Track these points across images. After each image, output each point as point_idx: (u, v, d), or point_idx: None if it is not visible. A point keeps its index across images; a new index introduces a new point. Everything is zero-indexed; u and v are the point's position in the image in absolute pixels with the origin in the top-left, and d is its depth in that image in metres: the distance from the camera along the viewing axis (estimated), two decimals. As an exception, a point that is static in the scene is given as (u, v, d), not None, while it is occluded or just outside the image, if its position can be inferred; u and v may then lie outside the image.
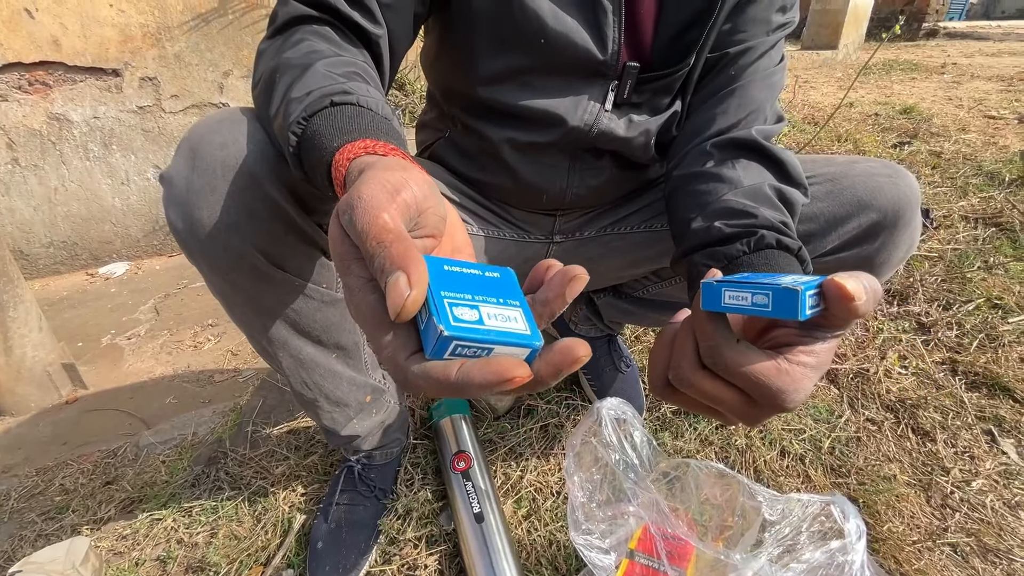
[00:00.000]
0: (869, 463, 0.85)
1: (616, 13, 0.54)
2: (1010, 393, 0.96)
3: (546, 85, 0.58)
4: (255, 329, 0.57)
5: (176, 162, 0.46)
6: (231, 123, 0.46)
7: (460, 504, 0.74)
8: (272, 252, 0.50)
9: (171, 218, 0.47)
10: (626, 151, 0.64)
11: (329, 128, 0.36)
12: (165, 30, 2.04)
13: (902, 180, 0.56)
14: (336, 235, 0.28)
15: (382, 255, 0.25)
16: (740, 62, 0.58)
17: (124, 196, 2.18)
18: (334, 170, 0.35)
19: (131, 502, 0.95)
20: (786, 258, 0.45)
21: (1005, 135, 2.12)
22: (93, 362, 1.63)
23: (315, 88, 0.39)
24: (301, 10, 0.48)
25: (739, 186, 0.51)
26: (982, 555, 0.72)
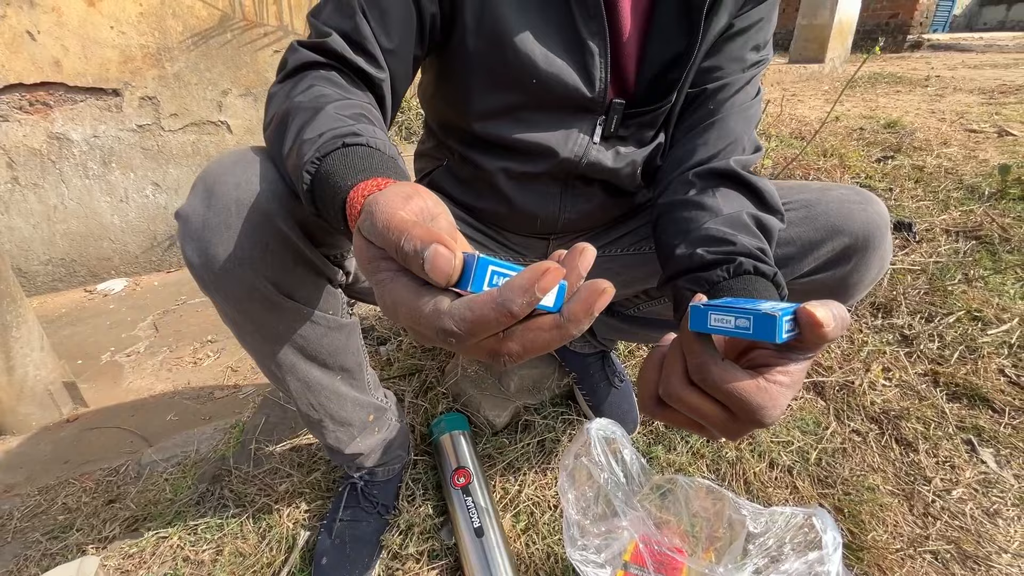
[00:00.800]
0: (854, 473, 0.88)
1: (602, 56, 0.58)
2: (989, 404, 1.00)
3: (538, 120, 0.62)
4: (265, 355, 0.60)
5: (192, 201, 0.49)
6: (244, 164, 0.49)
7: (461, 519, 0.76)
8: (282, 283, 0.53)
9: (187, 253, 0.49)
10: (614, 180, 0.68)
11: (342, 168, 0.39)
12: (165, 50, 2.08)
13: (871, 206, 0.60)
14: (360, 244, 0.31)
15: (409, 240, 0.27)
16: (718, 97, 0.62)
17: (123, 213, 2.20)
18: (348, 206, 0.37)
19: (135, 520, 0.97)
20: (763, 283, 0.48)
21: (985, 148, 2.18)
22: (93, 380, 1.64)
23: (327, 130, 0.42)
24: (310, 57, 0.51)
25: (719, 214, 0.55)
26: (961, 561, 0.75)
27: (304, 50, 0.52)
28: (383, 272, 0.30)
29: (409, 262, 0.28)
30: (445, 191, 0.74)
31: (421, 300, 0.28)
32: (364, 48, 0.53)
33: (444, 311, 0.27)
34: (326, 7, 0.54)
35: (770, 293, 0.48)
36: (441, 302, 0.28)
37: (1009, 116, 2.75)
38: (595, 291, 0.27)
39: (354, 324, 0.66)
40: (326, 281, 0.58)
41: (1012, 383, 1.04)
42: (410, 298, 0.28)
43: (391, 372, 1.16)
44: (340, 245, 0.58)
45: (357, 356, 0.69)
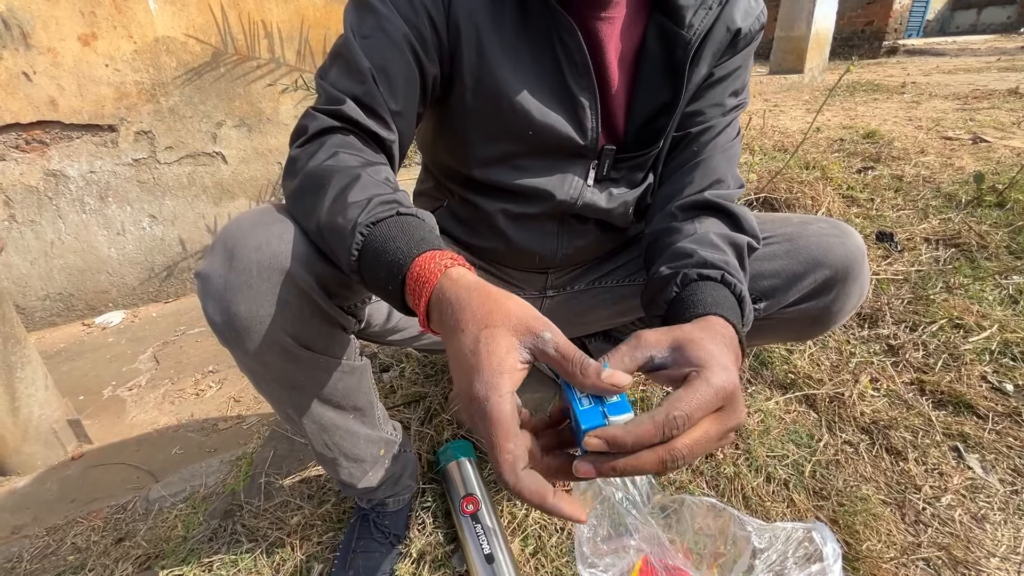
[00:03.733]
0: (848, 484, 0.91)
1: (593, 108, 0.62)
2: (973, 410, 1.04)
3: (535, 166, 0.66)
4: (282, 401, 0.62)
5: (212, 261, 0.51)
6: (264, 225, 0.52)
7: (471, 546, 0.78)
8: (300, 335, 0.55)
9: (209, 312, 0.52)
10: (608, 219, 0.72)
11: (401, 238, 0.45)
12: (160, 86, 2.11)
13: (849, 240, 0.64)
14: (466, 416, 0.39)
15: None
16: (701, 139, 0.66)
17: (120, 246, 2.22)
18: (414, 277, 0.43)
19: (148, 558, 0.98)
20: (711, 288, 0.50)
21: (961, 156, 2.26)
22: (96, 415, 1.65)
23: (373, 196, 0.47)
24: (328, 123, 0.55)
25: (693, 233, 0.59)
26: (952, 567, 0.79)
27: (322, 116, 0.55)
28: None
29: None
30: (446, 230, 0.77)
31: (509, 443, 0.36)
32: (376, 112, 0.56)
33: (518, 473, 0.36)
34: (332, 69, 0.57)
35: (723, 297, 0.50)
36: (519, 460, 0.36)
37: (983, 122, 2.84)
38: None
39: (365, 366, 0.69)
40: (341, 330, 0.61)
41: (994, 389, 1.08)
42: (504, 428, 0.36)
43: (395, 400, 1.18)
44: (353, 297, 0.61)
45: (368, 395, 0.71)
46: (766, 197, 1.85)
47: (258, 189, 2.45)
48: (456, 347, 0.39)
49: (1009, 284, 1.37)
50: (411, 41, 0.56)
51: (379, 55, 0.55)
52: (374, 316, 0.67)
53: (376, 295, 0.48)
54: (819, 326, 0.71)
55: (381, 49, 0.55)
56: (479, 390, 0.36)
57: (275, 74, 2.32)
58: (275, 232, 0.52)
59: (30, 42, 1.85)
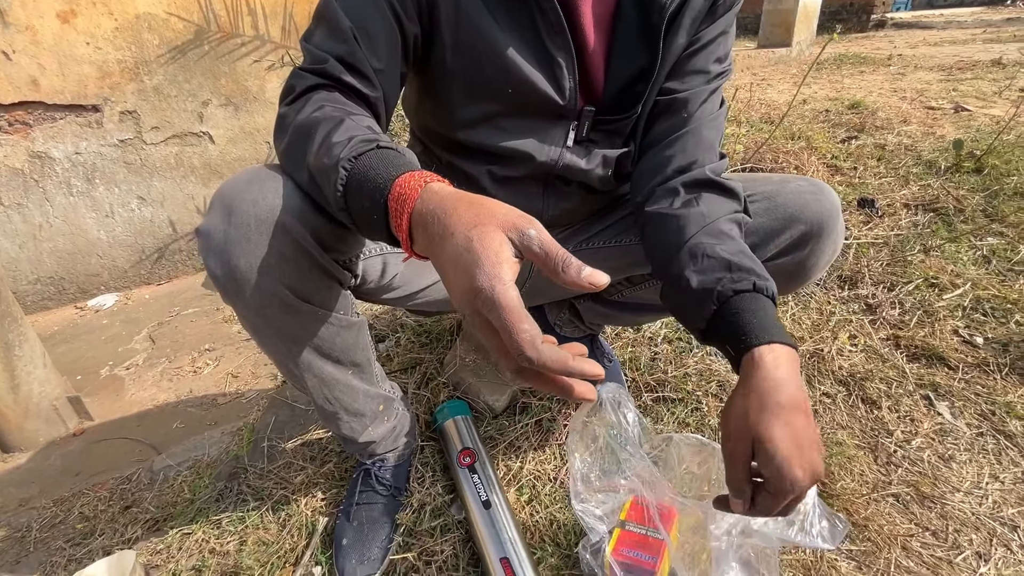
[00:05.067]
0: (825, 431, 0.96)
1: (569, 67, 0.63)
2: (945, 362, 1.09)
3: (515, 127, 0.67)
4: (284, 355, 0.65)
5: (212, 218, 0.54)
6: (259, 182, 0.55)
7: (468, 494, 0.83)
8: (299, 288, 0.58)
9: (210, 266, 0.55)
10: (588, 181, 0.73)
11: (381, 165, 0.46)
12: (143, 64, 2.09)
13: (825, 197, 0.67)
14: (479, 324, 0.39)
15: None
16: (689, 107, 0.67)
17: (109, 228, 2.21)
18: (395, 197, 0.44)
19: (156, 521, 1.01)
20: (749, 300, 0.54)
21: (942, 125, 2.30)
22: (95, 394, 1.67)
23: (355, 135, 0.49)
24: (313, 80, 0.57)
25: (704, 221, 0.61)
26: (920, 501, 0.84)
27: (308, 75, 0.57)
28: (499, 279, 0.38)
29: (545, 368, 0.37)
30: None
31: (524, 323, 0.37)
32: (359, 70, 0.58)
33: (538, 347, 0.36)
34: (316, 32, 0.59)
35: (763, 311, 0.54)
36: (536, 336, 0.37)
37: (965, 92, 2.88)
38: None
39: (362, 322, 0.72)
40: (337, 284, 0.64)
41: (965, 342, 1.14)
42: (516, 313, 0.37)
43: (392, 367, 1.21)
44: (348, 251, 0.63)
45: (366, 352, 0.74)
46: (752, 167, 1.88)
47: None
48: (449, 251, 0.40)
49: (983, 245, 1.42)
50: (390, 0, 0.58)
51: (359, 15, 0.57)
52: (369, 272, 0.69)
53: (366, 234, 0.50)
54: (795, 280, 0.74)
55: (361, 9, 0.57)
56: (483, 281, 0.37)
57: (260, 51, 2.29)
58: (270, 187, 0.54)
59: (7, 20, 1.82)
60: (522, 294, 0.39)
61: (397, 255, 0.73)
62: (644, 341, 1.20)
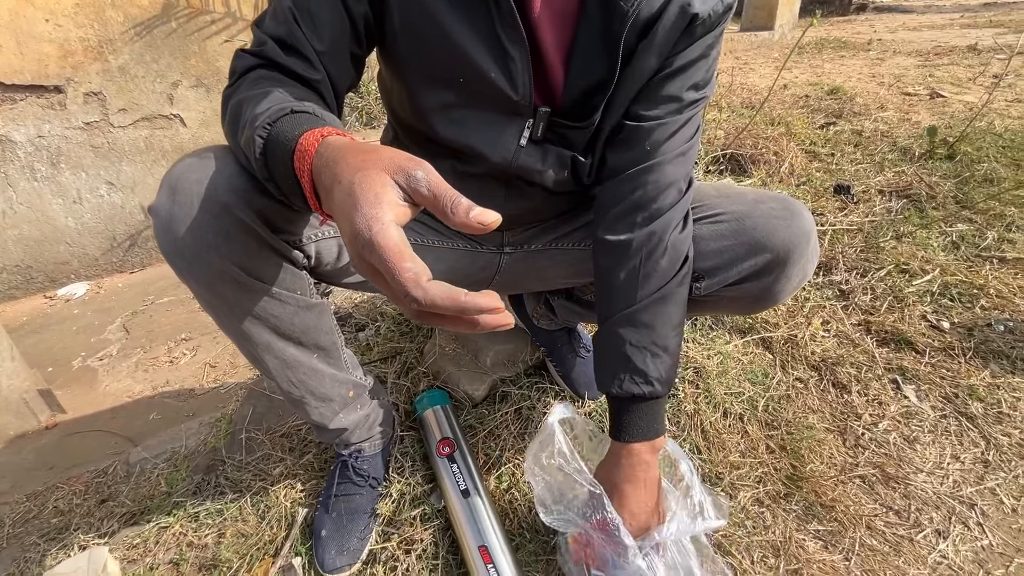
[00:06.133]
0: (796, 416, 0.99)
1: (524, 63, 0.59)
2: (912, 346, 1.13)
3: (469, 120, 0.64)
4: (242, 336, 0.64)
5: (160, 197, 0.54)
6: (204, 162, 0.55)
7: (448, 483, 0.83)
8: (249, 266, 0.58)
9: (161, 244, 0.55)
10: (544, 182, 0.70)
11: (290, 127, 0.45)
12: (107, 43, 2.00)
13: (795, 222, 0.65)
14: (366, 270, 0.37)
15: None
16: (654, 137, 0.63)
17: (77, 215, 2.14)
18: (298, 155, 0.43)
19: (133, 515, 1.00)
20: (632, 403, 0.69)
21: (918, 111, 2.33)
22: (67, 386, 1.63)
23: (275, 104, 0.48)
24: (252, 61, 0.56)
25: (633, 298, 0.67)
26: (884, 482, 0.87)
27: (247, 56, 0.57)
28: (372, 248, 0.35)
29: (443, 309, 0.34)
30: None
31: (404, 259, 0.34)
32: (297, 51, 0.56)
33: (423, 284, 0.34)
34: (266, 17, 0.58)
35: (647, 415, 0.69)
36: (421, 274, 0.34)
37: (941, 78, 2.92)
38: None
39: (324, 305, 0.71)
40: (290, 263, 0.64)
41: (932, 327, 1.17)
42: (395, 254, 0.34)
43: (372, 356, 1.21)
44: (297, 232, 0.63)
45: (331, 336, 0.74)
46: (732, 153, 1.89)
47: (221, 153, 2.37)
48: (336, 199, 0.38)
49: (953, 231, 1.46)
50: None
51: None
52: (324, 254, 0.68)
53: (293, 203, 0.49)
54: (760, 304, 0.74)
55: None
56: (360, 223, 0.35)
57: (232, 30, 2.21)
58: (215, 166, 0.54)
59: (-42, -6, 1.72)
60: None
61: None
62: (623, 328, 1.21)
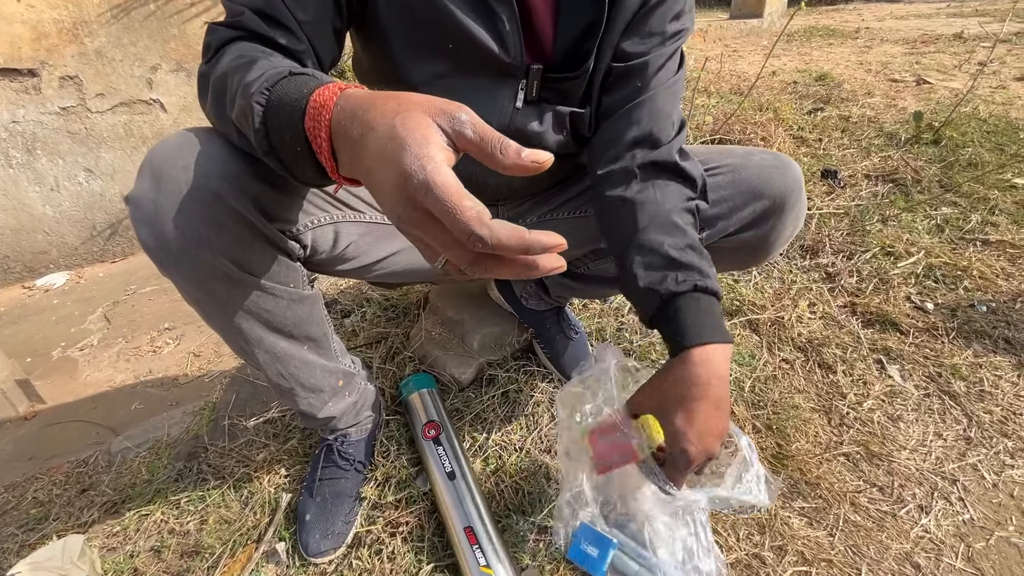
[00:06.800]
0: (783, 396, 0.99)
1: (512, 20, 0.59)
2: (897, 327, 1.13)
3: (462, 88, 0.63)
4: (231, 331, 0.62)
5: (140, 184, 0.50)
6: (190, 145, 0.50)
7: (433, 466, 0.82)
8: (241, 259, 0.55)
9: (142, 237, 0.50)
10: (543, 145, 0.69)
11: (294, 87, 0.41)
12: (82, 24, 1.94)
13: (788, 171, 0.67)
14: (416, 218, 0.35)
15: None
16: (645, 74, 0.64)
17: (55, 203, 2.09)
18: (311, 112, 0.39)
19: (114, 504, 0.98)
20: (689, 301, 0.58)
21: (904, 97, 2.34)
22: (47, 376, 1.60)
23: (268, 69, 0.44)
24: (230, 34, 0.52)
25: (657, 211, 0.62)
26: (868, 460, 0.88)
27: (223, 29, 0.52)
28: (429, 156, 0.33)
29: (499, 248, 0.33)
30: None
31: (465, 198, 0.33)
32: (279, 22, 0.53)
33: (486, 221, 0.32)
34: None
35: (702, 311, 0.58)
36: (483, 213, 0.33)
37: (927, 65, 2.93)
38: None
39: (316, 295, 0.69)
40: (284, 255, 0.60)
41: (916, 308, 1.18)
42: (457, 193, 0.33)
43: (357, 341, 1.19)
44: (293, 219, 0.60)
45: (322, 326, 0.72)
46: (720, 138, 1.88)
47: (203, 140, 2.32)
48: (372, 148, 0.36)
49: (937, 214, 1.47)
50: None
51: None
52: (319, 242, 0.66)
53: (298, 175, 0.45)
54: (759, 254, 0.74)
55: None
56: (410, 163, 0.33)
57: (212, 12, 2.15)
58: (204, 151, 0.50)
59: (-77, -27, 1.66)
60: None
61: (350, 224, 0.70)
62: (611, 312, 1.20)
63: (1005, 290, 1.20)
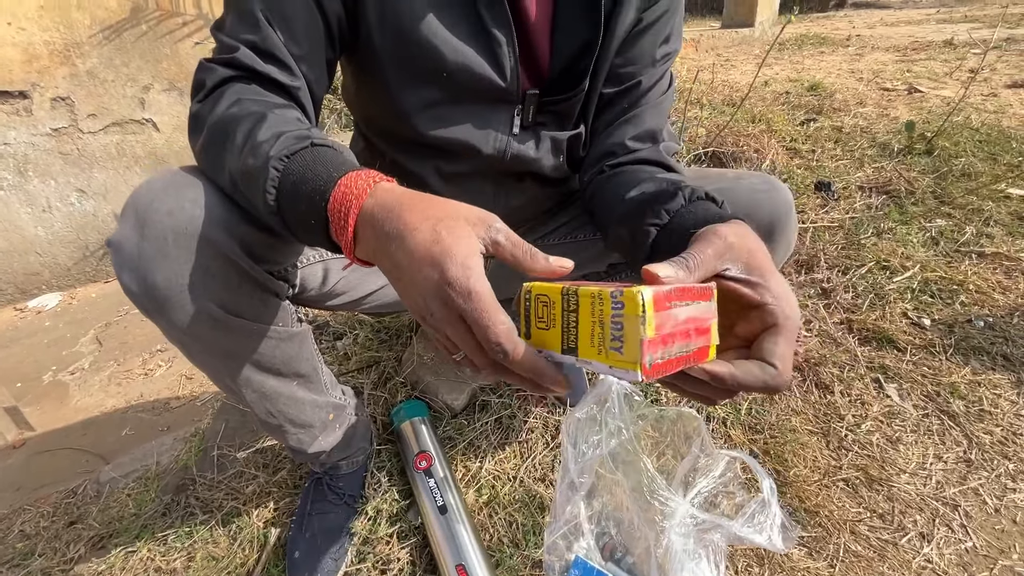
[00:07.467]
0: (780, 419, 0.98)
1: (510, 44, 0.58)
2: (894, 344, 1.12)
3: (456, 115, 0.63)
4: (218, 372, 0.60)
5: (123, 229, 0.48)
6: (175, 188, 0.49)
7: (425, 500, 0.81)
8: (228, 303, 0.53)
9: (125, 282, 0.49)
10: (540, 170, 0.70)
11: (319, 164, 0.42)
12: (74, 46, 1.94)
13: (778, 194, 0.66)
14: (448, 319, 0.37)
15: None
16: (632, 94, 0.66)
17: (47, 224, 2.08)
18: (339, 198, 0.40)
19: (100, 539, 0.96)
20: (713, 207, 0.50)
21: (896, 106, 2.35)
22: (36, 402, 1.58)
23: (282, 131, 0.44)
24: (225, 73, 0.51)
25: (649, 176, 0.60)
26: (868, 485, 0.86)
27: (217, 67, 0.51)
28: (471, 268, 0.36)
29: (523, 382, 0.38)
30: None
31: (501, 315, 0.35)
32: (275, 57, 0.52)
33: (515, 339, 0.35)
34: (227, 19, 0.54)
35: (726, 211, 0.50)
36: (513, 330, 0.35)
37: (919, 73, 2.95)
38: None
39: (306, 332, 0.67)
40: (273, 296, 0.59)
41: (913, 324, 1.17)
42: (493, 305, 0.35)
43: (349, 366, 1.18)
44: (283, 260, 0.58)
45: (312, 361, 0.70)
46: (714, 151, 1.88)
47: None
48: (410, 246, 0.37)
49: (932, 227, 1.46)
50: None
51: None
52: (308, 280, 0.65)
53: (300, 237, 0.46)
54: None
55: None
56: (455, 272, 0.35)
57: (204, 32, 2.16)
58: (189, 195, 0.49)
59: (-87, -2, 1.65)
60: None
61: (339, 260, 0.69)
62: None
63: (1002, 304, 1.19)
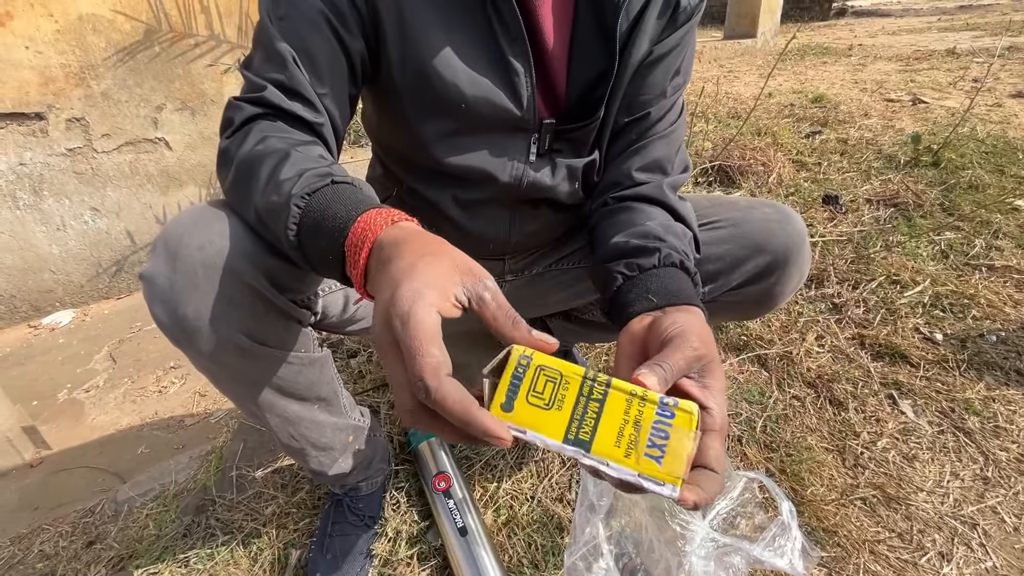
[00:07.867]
0: (795, 436, 0.98)
1: (528, 74, 0.60)
2: (907, 359, 1.13)
3: (474, 144, 0.64)
4: (243, 397, 0.62)
5: (155, 262, 0.50)
6: (204, 223, 0.51)
7: (444, 521, 0.81)
8: (254, 332, 0.55)
9: (156, 313, 0.51)
10: (556, 197, 0.71)
11: (339, 202, 0.43)
12: (89, 68, 1.98)
13: (791, 225, 0.67)
14: (384, 344, 0.34)
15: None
16: (641, 125, 0.66)
17: (62, 242, 2.11)
18: (357, 233, 0.41)
19: (121, 560, 0.97)
20: (683, 277, 0.54)
21: (901, 117, 2.36)
22: (53, 420, 1.59)
23: (305, 169, 0.46)
24: (252, 111, 0.53)
25: (652, 219, 0.61)
26: (886, 504, 0.87)
27: (245, 105, 0.53)
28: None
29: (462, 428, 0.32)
30: None
31: (434, 347, 0.32)
32: (300, 95, 0.54)
33: (441, 377, 0.31)
34: (255, 58, 0.56)
35: (687, 286, 0.53)
36: (442, 366, 0.31)
37: (922, 83, 2.96)
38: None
39: (326, 356, 0.69)
40: (296, 323, 0.61)
41: (925, 339, 1.17)
42: (427, 336, 0.32)
43: (364, 385, 1.19)
44: (306, 289, 0.60)
45: (332, 384, 0.72)
46: (720, 165, 1.89)
47: (207, 175, 2.35)
48: (389, 271, 0.36)
49: (941, 240, 1.46)
50: (328, 17, 0.54)
51: (297, 36, 0.54)
52: (330, 307, 0.67)
53: (320, 272, 0.47)
54: (762, 307, 0.74)
55: (299, 30, 0.54)
56: (404, 293, 0.33)
57: (216, 52, 2.20)
58: (217, 229, 0.51)
59: (-65, 24, 1.70)
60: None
61: None
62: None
63: (1014, 318, 1.20)
